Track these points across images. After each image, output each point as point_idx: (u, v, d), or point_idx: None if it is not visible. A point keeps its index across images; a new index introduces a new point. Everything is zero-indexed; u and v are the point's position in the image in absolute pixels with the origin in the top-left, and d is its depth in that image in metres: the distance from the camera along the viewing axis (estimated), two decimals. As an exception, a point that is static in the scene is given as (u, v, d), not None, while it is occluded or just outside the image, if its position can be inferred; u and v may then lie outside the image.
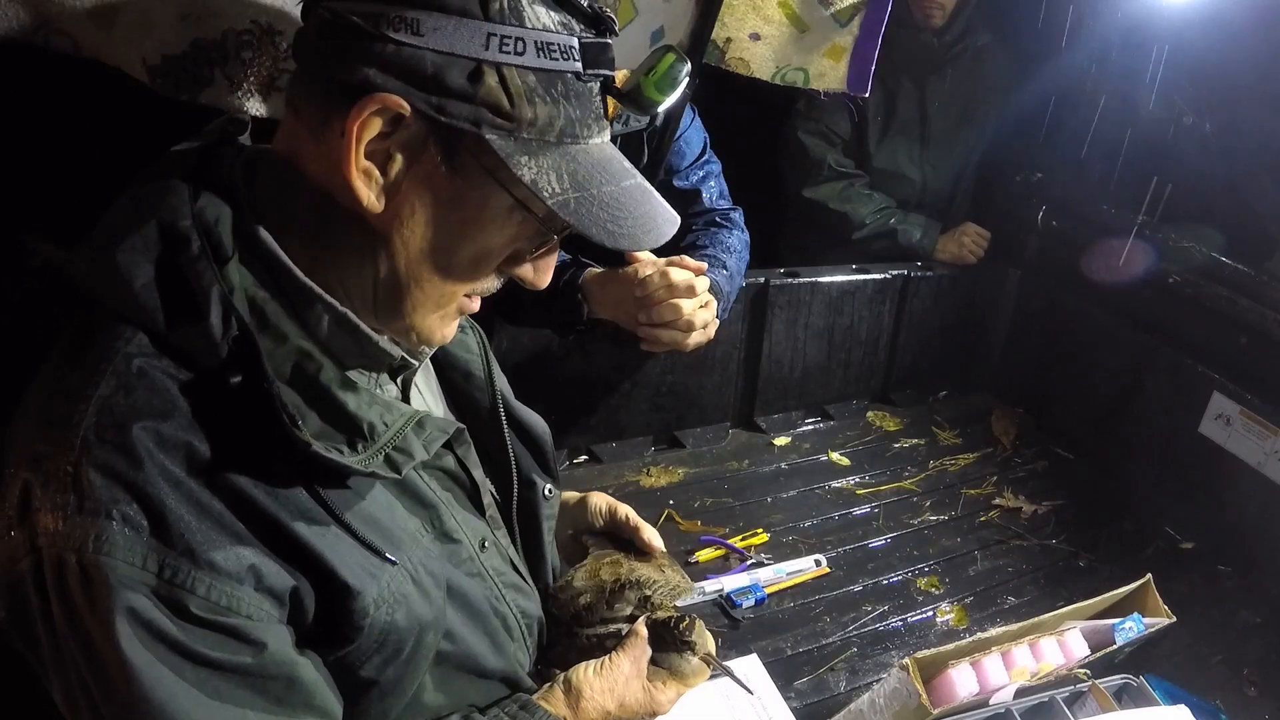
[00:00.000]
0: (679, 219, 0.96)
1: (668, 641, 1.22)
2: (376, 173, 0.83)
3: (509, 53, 0.81)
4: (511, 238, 0.90)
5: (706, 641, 1.25)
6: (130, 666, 0.74)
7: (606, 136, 0.93)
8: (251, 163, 0.92)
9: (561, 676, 1.16)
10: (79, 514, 0.75)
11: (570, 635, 1.26)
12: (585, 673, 1.16)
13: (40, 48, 1.33)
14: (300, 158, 0.88)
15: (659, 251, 1.89)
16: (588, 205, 0.86)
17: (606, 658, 1.18)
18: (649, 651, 1.21)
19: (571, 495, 1.45)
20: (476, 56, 0.81)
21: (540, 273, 0.98)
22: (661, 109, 1.23)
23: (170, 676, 0.76)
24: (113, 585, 0.74)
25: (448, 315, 0.97)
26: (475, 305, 0.99)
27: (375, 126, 0.81)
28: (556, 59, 0.84)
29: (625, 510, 1.41)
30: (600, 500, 1.43)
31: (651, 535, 1.39)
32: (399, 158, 0.83)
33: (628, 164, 0.94)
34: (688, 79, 1.13)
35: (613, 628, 1.24)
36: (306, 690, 0.86)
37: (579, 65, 0.86)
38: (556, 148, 0.86)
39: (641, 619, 1.24)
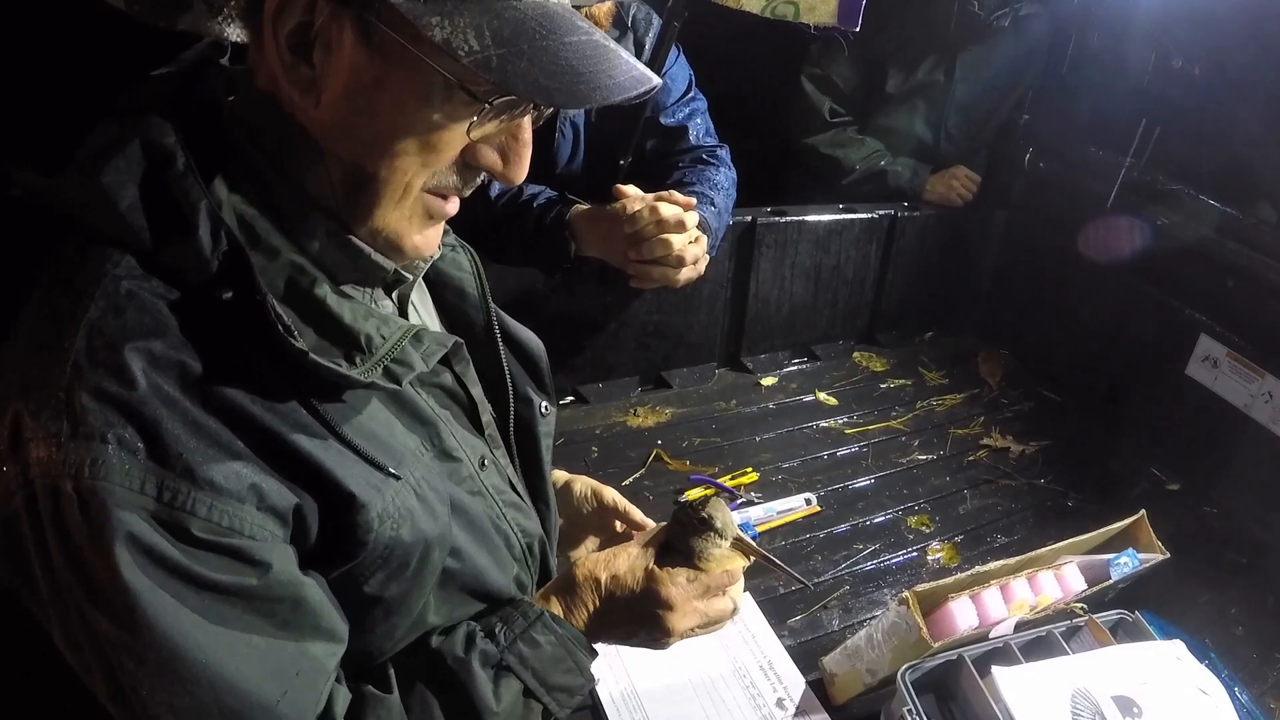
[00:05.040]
0: (655, 80, 0.82)
1: (686, 526, 1.14)
2: (304, 67, 0.80)
3: None
4: (460, 120, 0.83)
5: (728, 521, 1.15)
6: (132, 594, 0.72)
7: None
8: (232, 82, 0.89)
9: None
10: (73, 440, 0.72)
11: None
12: (586, 554, 1.16)
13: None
14: (253, 69, 0.85)
15: (646, 189, 1.88)
16: (514, 61, 0.75)
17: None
18: (660, 536, 1.17)
19: (558, 476, 1.42)
20: None
21: (511, 164, 0.90)
22: None
23: (173, 604, 0.74)
24: (110, 511, 0.71)
25: (415, 215, 0.90)
26: (448, 207, 0.92)
27: (292, 15, 0.77)
28: None
29: (612, 494, 1.39)
30: (585, 486, 1.41)
31: (642, 516, 1.36)
32: (319, 47, 0.79)
33: (584, 23, 0.82)
34: None
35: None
36: (313, 612, 0.84)
37: None
38: (478, 4, 0.76)
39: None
